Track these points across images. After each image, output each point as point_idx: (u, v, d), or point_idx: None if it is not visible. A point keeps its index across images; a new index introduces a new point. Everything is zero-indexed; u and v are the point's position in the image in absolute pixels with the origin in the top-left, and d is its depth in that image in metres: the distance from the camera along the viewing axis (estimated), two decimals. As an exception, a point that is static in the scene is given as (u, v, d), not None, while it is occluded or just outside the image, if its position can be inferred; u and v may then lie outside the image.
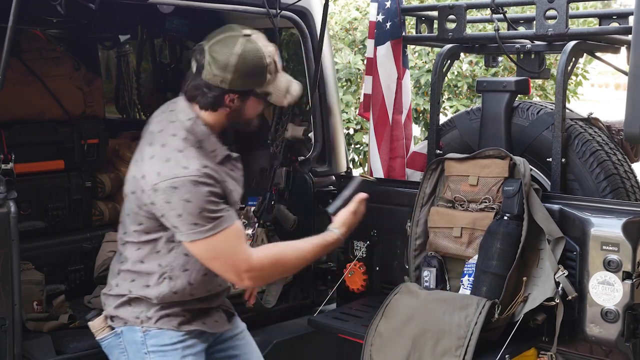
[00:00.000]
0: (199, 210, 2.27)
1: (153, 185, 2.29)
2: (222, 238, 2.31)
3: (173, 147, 2.33)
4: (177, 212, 2.27)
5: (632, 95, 2.56)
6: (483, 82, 3.24)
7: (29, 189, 3.46)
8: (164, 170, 2.29)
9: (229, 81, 2.32)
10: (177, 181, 2.26)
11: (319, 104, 3.71)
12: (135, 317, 2.46)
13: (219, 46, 2.33)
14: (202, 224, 2.28)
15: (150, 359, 2.44)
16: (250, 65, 2.33)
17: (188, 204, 2.26)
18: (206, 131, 2.39)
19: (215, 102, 2.36)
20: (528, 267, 2.72)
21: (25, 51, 3.63)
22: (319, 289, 3.66)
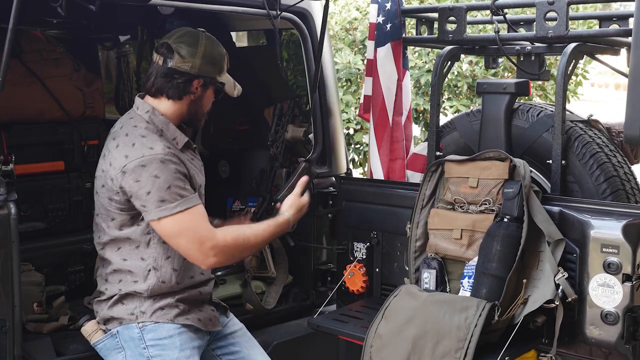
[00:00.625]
0: (167, 185, 2.40)
1: (122, 167, 2.43)
2: (189, 216, 2.43)
3: (136, 134, 2.51)
4: (146, 189, 2.40)
5: (632, 97, 2.56)
6: (483, 84, 3.24)
7: (29, 190, 3.45)
8: (131, 152, 2.45)
9: (198, 66, 2.56)
10: (145, 159, 2.42)
11: (319, 105, 3.70)
12: (129, 313, 2.51)
13: (184, 38, 2.58)
14: (170, 200, 2.40)
15: (149, 352, 2.47)
16: (214, 53, 2.61)
17: (157, 179, 2.40)
18: (165, 120, 2.57)
19: (184, 88, 2.57)
20: (528, 269, 2.72)
21: (26, 52, 3.62)
22: (319, 290, 3.66)
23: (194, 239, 2.44)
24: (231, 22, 4.23)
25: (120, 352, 2.53)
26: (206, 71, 2.59)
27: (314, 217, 3.62)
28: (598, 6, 4.96)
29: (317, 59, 3.54)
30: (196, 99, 2.62)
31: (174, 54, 2.55)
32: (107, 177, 2.48)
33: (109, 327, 2.55)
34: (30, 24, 3.72)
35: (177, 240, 2.44)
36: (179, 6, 3.13)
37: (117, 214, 2.51)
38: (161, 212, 2.40)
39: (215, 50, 2.62)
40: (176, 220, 2.41)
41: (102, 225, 2.56)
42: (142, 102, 2.61)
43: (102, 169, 2.53)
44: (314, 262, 3.67)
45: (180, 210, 2.41)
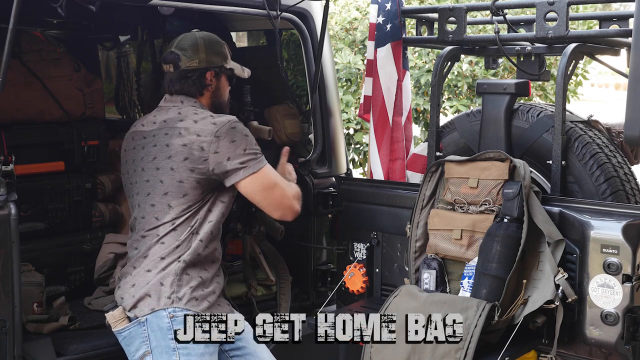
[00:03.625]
0: (254, 142, 2.67)
1: (215, 133, 2.61)
2: (270, 167, 2.70)
3: (205, 113, 2.70)
4: (243, 146, 2.61)
5: (632, 97, 2.56)
6: (483, 84, 3.25)
7: (29, 190, 3.45)
8: (216, 120, 2.64)
9: (205, 59, 2.75)
10: (232, 122, 2.64)
11: (319, 105, 3.70)
12: (167, 297, 2.55)
13: (182, 42, 2.78)
14: (259, 153, 2.66)
15: (176, 344, 2.50)
16: (213, 43, 2.80)
17: (247, 137, 2.65)
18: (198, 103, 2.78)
19: (200, 83, 2.76)
20: (528, 270, 2.72)
21: (26, 52, 3.62)
22: (319, 291, 3.66)
23: (285, 187, 2.71)
24: (231, 23, 4.23)
25: (144, 342, 2.55)
26: (213, 61, 2.77)
27: (314, 217, 3.63)
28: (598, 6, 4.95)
29: (317, 59, 3.54)
30: (215, 89, 2.80)
31: (180, 57, 2.74)
32: (194, 148, 2.60)
33: (137, 314, 2.56)
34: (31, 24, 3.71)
35: (273, 192, 2.67)
36: (179, 6, 3.13)
37: (191, 189, 2.62)
38: (259, 164, 2.63)
39: (214, 42, 2.80)
40: (269, 170, 2.67)
41: (170, 203, 2.64)
42: (183, 96, 2.76)
43: (181, 144, 2.62)
44: (314, 263, 3.67)
45: (266, 163, 2.67)
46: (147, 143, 2.72)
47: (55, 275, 3.54)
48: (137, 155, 2.75)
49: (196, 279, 2.62)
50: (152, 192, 2.66)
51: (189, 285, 2.59)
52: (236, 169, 2.60)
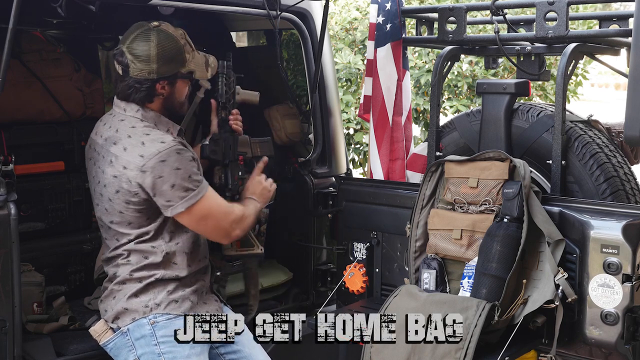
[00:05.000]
0: (188, 174, 2.46)
1: (140, 167, 2.42)
2: (211, 196, 2.54)
3: (140, 133, 2.50)
4: (171, 182, 2.43)
5: (632, 97, 2.56)
6: (483, 84, 3.25)
7: (29, 190, 3.45)
8: (145, 151, 2.44)
9: (156, 70, 2.51)
10: (162, 154, 2.43)
11: (319, 105, 3.70)
12: (144, 306, 2.51)
13: (135, 43, 2.51)
14: (193, 188, 2.46)
15: (161, 349, 2.49)
16: (169, 50, 2.53)
17: (179, 171, 2.43)
18: (155, 114, 2.58)
19: (149, 94, 2.54)
20: (528, 270, 2.72)
21: (26, 52, 3.62)
22: (319, 291, 3.66)
23: (219, 216, 2.56)
24: (231, 22, 4.23)
25: (131, 351, 2.53)
26: (166, 71, 2.53)
27: (313, 217, 3.63)
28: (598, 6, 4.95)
29: (317, 59, 3.54)
30: (167, 96, 2.58)
31: (129, 63, 2.50)
32: (122, 181, 2.45)
33: (119, 325, 2.55)
34: (31, 24, 3.71)
35: (205, 223, 2.54)
36: (179, 6, 3.13)
37: (134, 217, 2.50)
38: (189, 202, 2.46)
39: (169, 47, 2.52)
40: (203, 205, 2.49)
41: (119, 231, 2.55)
42: (125, 103, 2.58)
43: (111, 175, 2.49)
44: (313, 262, 3.67)
45: (203, 195, 2.49)
46: (97, 160, 2.60)
47: (55, 275, 3.55)
48: (91, 172, 2.64)
49: (173, 282, 2.57)
50: (103, 216, 2.61)
51: (166, 289, 2.55)
52: (165, 206, 2.47)
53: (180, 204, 2.45)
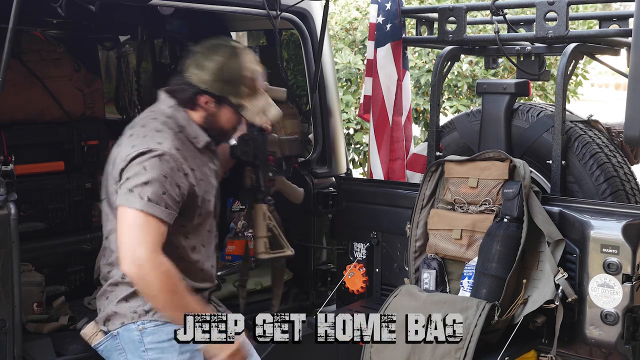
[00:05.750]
0: (148, 180, 2.30)
1: (126, 157, 2.36)
2: (147, 221, 2.29)
3: (152, 127, 2.43)
4: (130, 173, 2.32)
5: (632, 97, 2.56)
6: (483, 84, 3.25)
7: (29, 190, 3.45)
8: (139, 143, 2.37)
9: (206, 82, 2.46)
10: (146, 152, 2.34)
11: (319, 105, 3.70)
12: (132, 311, 2.48)
13: (205, 49, 2.49)
14: (141, 196, 2.29)
15: (148, 356, 2.46)
16: (228, 72, 2.46)
17: (144, 171, 2.31)
18: (188, 117, 2.50)
19: (191, 100, 2.48)
20: (528, 270, 2.72)
21: (26, 52, 3.62)
22: (319, 291, 3.66)
23: (135, 240, 2.29)
24: (231, 22, 4.23)
25: (121, 354, 2.52)
26: (216, 89, 2.46)
27: (313, 217, 3.62)
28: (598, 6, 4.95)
29: (317, 59, 3.54)
30: (210, 115, 2.51)
31: (189, 63, 2.49)
32: (114, 165, 2.42)
33: (109, 328, 2.54)
34: (31, 24, 3.72)
35: (122, 232, 2.32)
36: (179, 6, 3.13)
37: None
38: (127, 201, 2.30)
39: (231, 70, 2.45)
40: (134, 216, 2.29)
41: (107, 211, 2.51)
42: (167, 97, 2.52)
43: (113, 156, 2.47)
44: (313, 262, 3.66)
45: (143, 211, 2.29)
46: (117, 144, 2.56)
47: (55, 275, 3.55)
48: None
49: None
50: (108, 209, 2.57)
51: None
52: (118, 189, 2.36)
53: (123, 197, 2.32)
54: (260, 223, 2.89)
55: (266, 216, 2.90)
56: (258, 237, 2.91)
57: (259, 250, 2.84)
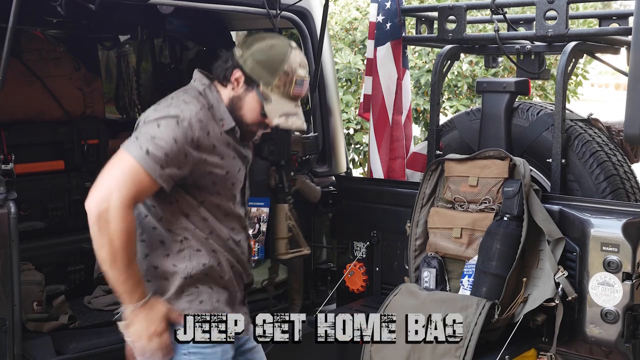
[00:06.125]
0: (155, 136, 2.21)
1: (146, 117, 2.28)
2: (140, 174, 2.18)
3: (181, 99, 2.34)
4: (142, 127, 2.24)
5: (632, 96, 2.56)
6: (483, 82, 3.25)
7: (29, 189, 3.46)
8: (161, 107, 2.29)
9: (245, 58, 2.37)
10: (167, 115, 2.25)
11: (319, 105, 3.70)
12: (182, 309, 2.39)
13: (259, 35, 2.42)
14: (140, 145, 2.19)
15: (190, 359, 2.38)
16: (268, 56, 2.36)
17: (157, 128, 2.22)
18: (218, 98, 2.41)
19: (226, 72, 2.39)
20: (528, 268, 2.72)
21: (25, 51, 3.63)
22: (319, 289, 3.65)
23: (116, 184, 2.16)
24: (231, 22, 4.23)
25: None
26: (251, 69, 2.36)
27: (314, 216, 3.62)
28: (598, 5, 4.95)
29: (317, 59, 3.54)
30: (237, 95, 2.40)
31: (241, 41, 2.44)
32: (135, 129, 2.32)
33: None
34: (30, 24, 3.72)
35: (108, 168, 2.21)
36: (179, 5, 3.13)
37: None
38: (127, 147, 2.22)
39: (271, 56, 2.37)
40: (127, 162, 2.19)
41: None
42: (201, 76, 2.44)
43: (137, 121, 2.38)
44: (314, 262, 3.66)
45: (137, 161, 2.18)
46: None
47: (55, 274, 3.55)
48: None
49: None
50: None
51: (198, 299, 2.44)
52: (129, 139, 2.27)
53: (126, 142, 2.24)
54: (282, 223, 2.86)
55: (287, 216, 2.87)
56: (279, 238, 2.88)
57: (280, 250, 2.80)
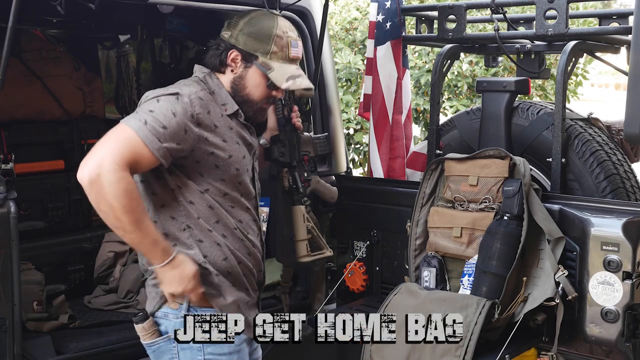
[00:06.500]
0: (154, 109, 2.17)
1: (146, 96, 2.25)
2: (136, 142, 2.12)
3: (181, 83, 2.33)
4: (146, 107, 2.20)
5: (632, 95, 2.56)
6: (483, 82, 3.25)
7: (29, 189, 3.46)
8: (161, 89, 2.26)
9: (236, 36, 2.36)
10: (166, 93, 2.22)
11: (319, 104, 3.70)
12: None
13: (243, 17, 2.40)
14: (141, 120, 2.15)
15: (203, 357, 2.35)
16: (257, 28, 2.36)
17: (156, 103, 2.19)
18: (219, 84, 2.39)
19: (222, 58, 2.37)
20: (528, 267, 2.72)
21: (25, 51, 3.63)
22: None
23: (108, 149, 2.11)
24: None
25: (173, 358, 2.36)
26: (244, 44, 2.35)
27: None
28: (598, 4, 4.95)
29: (316, 58, 3.53)
30: (237, 76, 2.38)
31: (226, 25, 2.41)
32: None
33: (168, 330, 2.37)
34: (30, 23, 3.72)
35: (100, 140, 2.16)
36: (179, 4, 3.13)
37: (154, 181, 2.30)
38: (125, 120, 2.18)
39: (261, 26, 2.35)
40: (123, 131, 2.14)
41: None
42: (200, 67, 2.43)
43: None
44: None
45: (134, 131, 2.13)
46: None
47: (55, 273, 3.56)
48: None
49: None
50: None
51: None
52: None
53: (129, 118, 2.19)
54: (300, 226, 2.82)
55: (305, 218, 2.83)
56: (299, 241, 2.83)
57: (301, 253, 2.76)
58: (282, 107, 2.72)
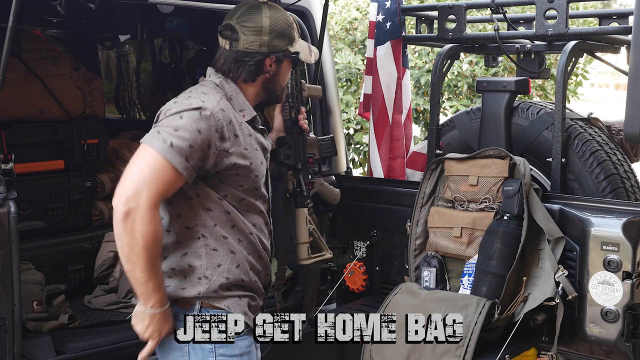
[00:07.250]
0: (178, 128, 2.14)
1: (167, 110, 2.21)
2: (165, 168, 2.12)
3: (199, 91, 2.30)
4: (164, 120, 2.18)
5: (632, 95, 2.56)
6: (483, 82, 3.25)
7: (29, 188, 3.45)
8: (182, 100, 2.24)
9: (267, 43, 2.35)
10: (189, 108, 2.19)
11: (319, 104, 3.70)
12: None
13: (245, 17, 2.35)
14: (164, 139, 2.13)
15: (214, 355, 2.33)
16: (281, 24, 2.38)
17: (180, 120, 2.16)
18: (237, 89, 2.37)
19: (257, 69, 2.36)
20: (528, 267, 2.72)
21: (25, 51, 3.62)
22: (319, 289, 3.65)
23: (143, 182, 2.11)
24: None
25: (183, 357, 2.34)
26: (277, 46, 2.37)
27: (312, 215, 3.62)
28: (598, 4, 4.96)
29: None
30: (271, 76, 2.40)
31: (239, 35, 2.34)
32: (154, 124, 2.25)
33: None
34: (30, 23, 3.72)
35: (133, 164, 2.15)
36: (179, 4, 3.13)
37: None
38: (149, 140, 2.15)
39: (281, 21, 2.38)
40: (152, 156, 2.12)
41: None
42: (214, 71, 2.40)
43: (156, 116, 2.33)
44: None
45: (161, 154, 2.11)
46: None
47: (55, 273, 3.55)
48: None
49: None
50: None
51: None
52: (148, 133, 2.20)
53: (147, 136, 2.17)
54: (303, 228, 2.82)
55: (307, 220, 2.82)
56: (301, 243, 2.84)
57: (302, 256, 2.75)
58: (290, 109, 2.71)
